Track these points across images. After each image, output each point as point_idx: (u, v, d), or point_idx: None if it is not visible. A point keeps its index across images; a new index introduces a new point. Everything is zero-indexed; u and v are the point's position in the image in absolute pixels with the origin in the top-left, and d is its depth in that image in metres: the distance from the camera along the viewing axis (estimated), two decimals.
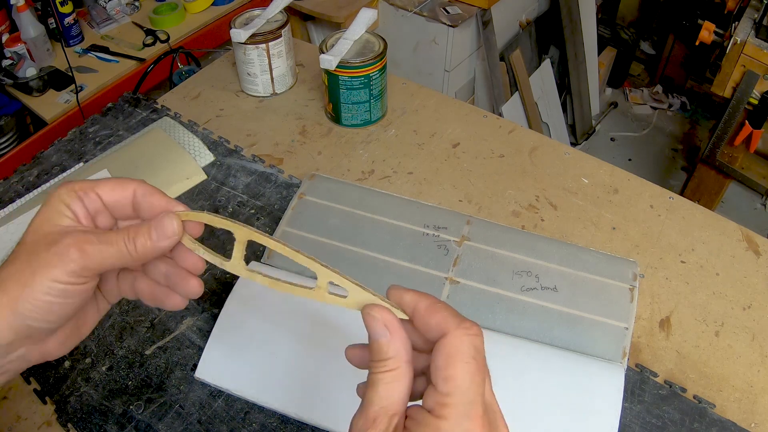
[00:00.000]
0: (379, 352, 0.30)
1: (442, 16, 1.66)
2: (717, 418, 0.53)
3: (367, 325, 0.31)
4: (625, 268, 0.62)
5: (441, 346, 0.29)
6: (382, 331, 0.31)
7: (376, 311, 0.31)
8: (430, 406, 0.29)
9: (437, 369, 0.29)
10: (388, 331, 0.31)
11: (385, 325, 0.31)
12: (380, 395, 0.30)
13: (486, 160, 0.78)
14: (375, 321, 0.31)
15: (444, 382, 0.28)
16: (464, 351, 0.29)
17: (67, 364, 0.58)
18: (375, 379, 0.30)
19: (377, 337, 0.31)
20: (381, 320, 0.31)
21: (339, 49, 0.77)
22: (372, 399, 0.30)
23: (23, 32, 1.41)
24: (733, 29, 1.45)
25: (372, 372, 0.31)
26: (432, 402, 0.29)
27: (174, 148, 0.78)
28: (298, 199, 0.70)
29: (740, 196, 2.10)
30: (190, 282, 0.37)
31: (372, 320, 0.31)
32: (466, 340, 0.29)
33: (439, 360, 0.29)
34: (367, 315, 0.32)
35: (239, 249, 0.36)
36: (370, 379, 0.31)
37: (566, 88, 2.26)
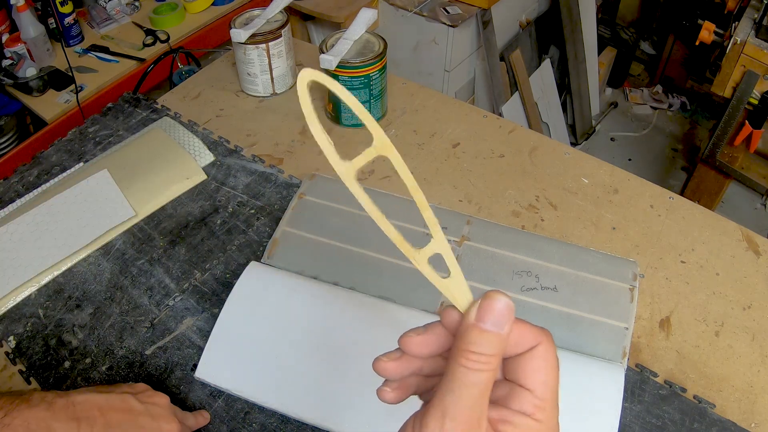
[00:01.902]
0: (487, 345, 0.28)
1: (442, 16, 1.66)
2: (717, 418, 0.53)
3: (490, 308, 0.28)
4: (625, 268, 0.62)
5: (539, 353, 0.30)
6: (505, 323, 0.28)
7: (503, 296, 0.29)
8: (527, 409, 0.29)
9: (536, 374, 0.29)
10: (509, 325, 0.28)
11: (511, 315, 0.28)
12: (479, 398, 0.28)
13: (486, 160, 0.78)
14: (505, 310, 0.28)
15: (544, 387, 0.29)
16: (555, 358, 0.30)
17: (67, 364, 0.58)
18: (475, 380, 0.27)
19: (493, 328, 0.28)
20: (510, 312, 0.28)
21: (339, 49, 0.77)
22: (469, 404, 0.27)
23: (23, 32, 1.41)
24: (733, 29, 1.45)
25: (466, 366, 0.28)
26: (529, 405, 0.29)
27: (174, 148, 0.78)
28: (298, 199, 0.70)
29: (740, 196, 2.10)
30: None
31: (501, 309, 0.28)
32: (554, 349, 0.30)
33: (540, 366, 0.29)
34: (492, 299, 0.29)
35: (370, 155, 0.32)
36: (463, 375, 0.28)
37: (566, 88, 2.26)
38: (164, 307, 0.62)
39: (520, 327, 0.30)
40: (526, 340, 0.30)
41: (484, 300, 0.29)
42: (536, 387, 0.29)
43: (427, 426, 0.27)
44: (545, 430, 0.29)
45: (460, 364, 0.28)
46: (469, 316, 0.29)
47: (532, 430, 0.29)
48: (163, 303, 0.62)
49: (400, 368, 0.32)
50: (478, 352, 0.28)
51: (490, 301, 0.28)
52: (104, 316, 0.61)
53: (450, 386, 0.27)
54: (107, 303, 0.63)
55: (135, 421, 0.46)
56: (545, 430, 0.29)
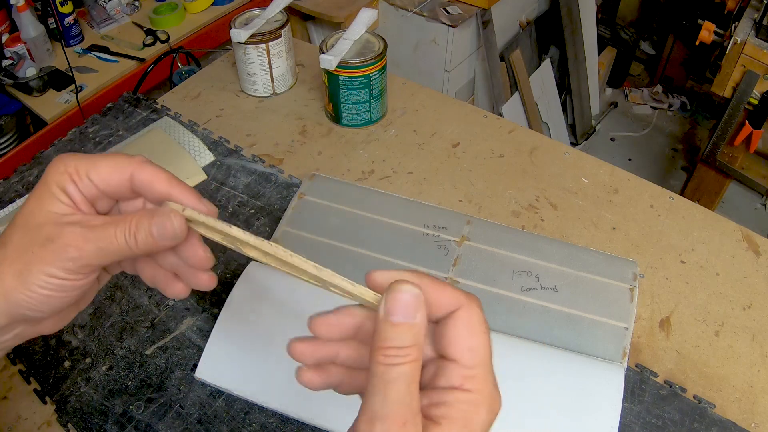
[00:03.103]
0: (401, 338, 0.27)
1: (442, 16, 1.66)
2: (717, 418, 0.53)
3: (395, 300, 0.27)
4: (625, 268, 0.62)
5: (459, 319, 0.29)
6: (412, 312, 0.27)
7: (408, 286, 0.27)
8: (455, 382, 0.28)
9: (459, 341, 0.28)
10: (420, 312, 0.27)
11: (419, 303, 0.27)
12: (407, 392, 0.26)
13: (486, 160, 0.78)
14: (411, 299, 0.27)
15: (470, 354, 0.28)
16: (482, 322, 0.29)
17: (67, 364, 0.58)
18: (396, 375, 0.26)
19: (402, 320, 0.27)
20: (417, 299, 0.27)
21: (339, 49, 0.77)
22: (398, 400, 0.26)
23: (23, 32, 1.41)
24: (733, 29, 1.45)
25: (384, 363, 0.26)
26: (457, 377, 0.28)
27: (174, 148, 0.78)
28: (298, 199, 0.70)
29: (740, 196, 2.10)
30: (199, 276, 0.35)
31: (406, 297, 0.27)
32: (479, 312, 0.29)
33: (461, 332, 0.28)
34: (397, 291, 0.27)
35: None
36: (383, 373, 0.26)
37: (566, 88, 2.26)
38: (164, 307, 0.62)
39: (438, 290, 0.29)
40: (444, 304, 0.29)
41: (389, 293, 0.27)
42: (461, 355, 0.28)
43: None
44: (479, 400, 0.28)
45: (379, 362, 0.26)
46: (378, 312, 0.27)
47: (464, 404, 0.27)
48: (163, 303, 0.62)
49: (311, 351, 0.31)
50: (393, 347, 0.26)
51: (395, 294, 0.27)
52: (104, 316, 0.61)
53: (374, 387, 0.26)
54: (107, 303, 0.63)
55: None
56: (479, 401, 0.28)
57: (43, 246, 0.30)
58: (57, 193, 0.32)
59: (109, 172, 0.32)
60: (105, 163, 0.32)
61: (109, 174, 0.32)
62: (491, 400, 0.28)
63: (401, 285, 0.27)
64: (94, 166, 0.32)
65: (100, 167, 0.32)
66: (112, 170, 0.32)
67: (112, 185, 0.33)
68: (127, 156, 0.33)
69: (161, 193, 0.32)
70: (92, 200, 0.33)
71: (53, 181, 0.32)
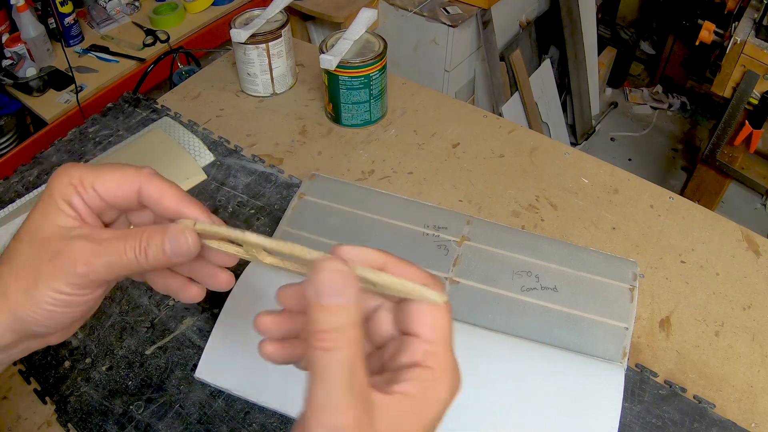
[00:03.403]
0: (335, 319, 0.25)
1: (442, 16, 1.66)
2: (717, 418, 0.53)
3: (321, 280, 0.25)
4: (625, 268, 0.62)
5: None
6: (343, 290, 0.25)
7: (336, 263, 0.26)
8: (417, 357, 0.27)
9: (422, 317, 0.28)
10: (350, 290, 0.26)
11: (347, 279, 0.26)
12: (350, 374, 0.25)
13: (486, 160, 0.78)
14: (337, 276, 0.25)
15: (432, 330, 0.28)
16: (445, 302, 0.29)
17: (67, 364, 0.58)
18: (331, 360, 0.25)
19: (332, 300, 0.25)
20: (343, 276, 0.26)
21: (339, 49, 0.77)
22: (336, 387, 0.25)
23: (23, 32, 1.41)
24: (733, 29, 1.45)
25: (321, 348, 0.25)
26: (419, 352, 0.27)
27: (174, 148, 0.78)
28: (298, 199, 0.70)
29: (740, 196, 2.10)
30: (218, 276, 0.34)
31: (332, 276, 0.25)
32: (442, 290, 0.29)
33: (424, 310, 0.28)
34: (322, 270, 0.26)
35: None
36: (321, 358, 0.25)
37: (566, 88, 2.26)
38: (164, 307, 0.62)
39: (403, 269, 0.29)
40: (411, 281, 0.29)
41: (314, 273, 0.26)
42: (424, 331, 0.28)
43: (307, 426, 0.25)
44: (438, 378, 0.27)
45: (316, 348, 0.25)
46: (309, 295, 0.26)
47: (424, 381, 0.27)
48: (163, 303, 0.62)
49: (276, 324, 0.31)
50: (327, 330, 0.25)
51: (320, 273, 0.26)
52: (104, 316, 0.61)
53: (316, 375, 0.25)
54: (107, 303, 0.63)
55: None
56: (439, 379, 0.27)
57: (51, 261, 0.29)
58: (62, 205, 0.31)
59: (115, 185, 0.32)
60: (111, 176, 0.32)
61: (115, 186, 0.32)
62: (452, 380, 0.28)
63: (326, 263, 0.26)
64: (100, 177, 0.31)
65: (106, 179, 0.31)
66: (118, 183, 0.32)
67: (119, 197, 0.32)
68: (135, 168, 0.32)
69: (170, 210, 0.32)
70: (98, 212, 0.32)
71: (58, 193, 0.31)
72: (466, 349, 0.55)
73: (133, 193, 0.32)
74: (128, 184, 0.32)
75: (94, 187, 0.31)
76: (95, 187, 0.31)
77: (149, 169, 0.32)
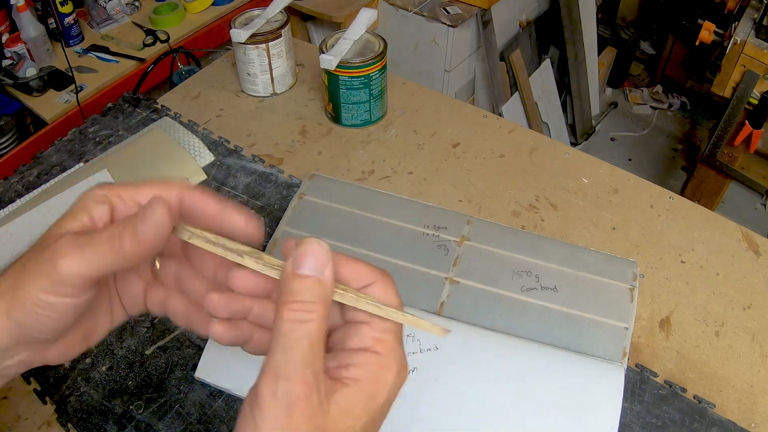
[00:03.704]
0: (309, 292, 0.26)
1: (442, 16, 1.66)
2: (717, 418, 0.53)
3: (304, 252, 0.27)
4: (625, 268, 0.62)
5: (374, 290, 0.30)
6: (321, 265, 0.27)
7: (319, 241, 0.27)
8: (366, 343, 0.28)
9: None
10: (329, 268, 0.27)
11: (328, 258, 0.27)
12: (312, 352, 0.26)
13: (486, 160, 0.78)
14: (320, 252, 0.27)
15: (382, 320, 0.29)
16: (396, 296, 0.30)
17: (67, 364, 0.58)
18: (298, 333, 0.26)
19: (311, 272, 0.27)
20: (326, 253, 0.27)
21: (339, 49, 0.77)
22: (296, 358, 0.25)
23: (23, 32, 1.41)
24: (733, 29, 1.45)
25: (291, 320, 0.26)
26: (368, 338, 0.28)
27: (174, 148, 0.78)
28: (298, 199, 0.70)
29: (740, 196, 2.10)
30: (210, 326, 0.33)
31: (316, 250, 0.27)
32: (394, 287, 0.30)
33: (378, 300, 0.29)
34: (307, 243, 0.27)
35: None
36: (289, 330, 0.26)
37: (566, 88, 2.26)
38: None
39: (353, 265, 0.30)
40: (361, 278, 0.30)
41: (299, 247, 0.27)
42: (374, 320, 0.29)
43: (259, 393, 0.25)
44: (387, 364, 0.28)
45: (285, 319, 0.26)
46: (286, 267, 0.27)
47: (373, 365, 0.28)
48: None
49: (225, 303, 0.31)
50: (300, 301, 0.26)
51: (305, 247, 0.27)
52: None
53: (278, 345, 0.26)
54: None
55: None
56: (387, 365, 0.28)
57: (36, 259, 0.29)
58: (79, 214, 0.30)
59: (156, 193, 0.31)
60: (151, 186, 0.31)
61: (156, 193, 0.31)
62: (399, 364, 0.29)
63: (310, 239, 0.27)
64: (138, 189, 0.31)
65: (147, 189, 0.31)
66: (158, 191, 0.31)
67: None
68: (173, 181, 0.32)
69: (213, 212, 0.31)
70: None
71: (83, 205, 0.31)
72: (466, 349, 0.55)
73: (174, 203, 0.31)
74: (168, 192, 0.31)
75: (134, 198, 0.31)
76: (135, 198, 0.31)
77: (186, 182, 0.33)
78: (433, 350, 0.54)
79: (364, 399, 0.27)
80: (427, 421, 0.51)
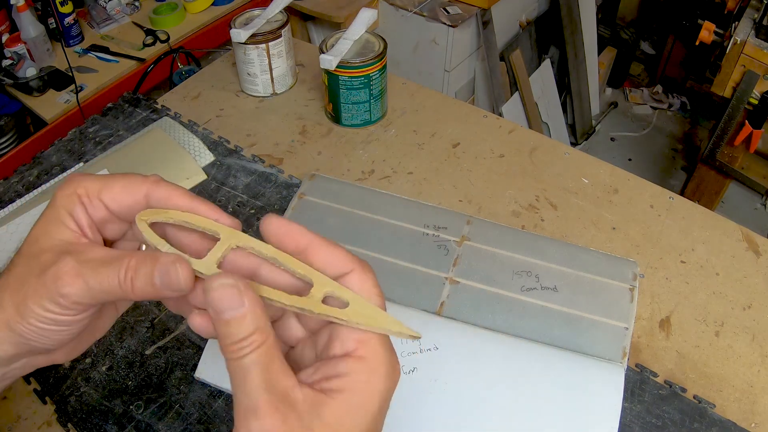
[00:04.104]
0: (239, 328, 0.25)
1: (442, 16, 1.66)
2: (717, 418, 0.53)
3: (215, 299, 0.26)
4: (625, 268, 0.62)
5: (351, 281, 0.28)
6: (239, 302, 0.25)
7: (227, 277, 0.26)
8: (349, 347, 0.27)
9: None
10: (246, 299, 0.26)
11: (242, 291, 0.26)
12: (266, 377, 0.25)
13: (486, 160, 0.78)
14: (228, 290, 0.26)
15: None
16: (375, 286, 0.28)
17: (67, 364, 0.58)
18: (248, 364, 0.25)
19: (233, 312, 0.25)
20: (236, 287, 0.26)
21: (339, 49, 0.77)
22: (258, 387, 0.25)
23: (23, 32, 1.41)
24: (733, 29, 1.45)
25: (237, 357, 0.25)
26: (351, 342, 0.27)
27: (174, 148, 0.78)
28: (298, 199, 0.70)
29: (740, 196, 2.10)
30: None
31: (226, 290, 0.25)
32: (372, 276, 0.28)
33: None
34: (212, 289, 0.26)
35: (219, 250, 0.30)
36: (240, 368, 0.25)
37: (566, 88, 2.26)
38: (164, 307, 0.62)
39: (330, 250, 0.28)
40: (336, 266, 0.28)
41: (207, 293, 0.26)
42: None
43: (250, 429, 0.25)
44: (373, 369, 0.26)
45: (229, 360, 0.26)
46: (211, 317, 0.26)
47: (359, 373, 0.26)
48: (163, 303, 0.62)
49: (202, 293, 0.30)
50: (233, 342, 0.25)
51: (211, 293, 0.26)
52: None
53: (234, 383, 0.26)
54: None
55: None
56: (374, 370, 0.26)
57: (38, 277, 0.28)
58: (64, 217, 0.30)
59: (121, 192, 0.30)
60: (117, 183, 0.31)
61: (121, 194, 0.30)
62: (388, 367, 0.27)
63: (214, 281, 0.26)
64: (106, 186, 0.30)
65: (112, 187, 0.30)
66: (124, 190, 0.30)
67: (125, 206, 0.31)
68: (141, 175, 0.31)
69: (182, 207, 0.30)
70: (102, 224, 0.31)
71: (61, 204, 0.30)
72: (466, 349, 0.55)
73: (140, 199, 0.31)
74: (135, 190, 0.30)
75: (100, 197, 0.30)
76: (101, 197, 0.30)
77: (156, 176, 0.31)
78: (433, 350, 0.54)
79: (353, 410, 0.26)
80: (427, 421, 0.51)
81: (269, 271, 0.30)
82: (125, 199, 0.30)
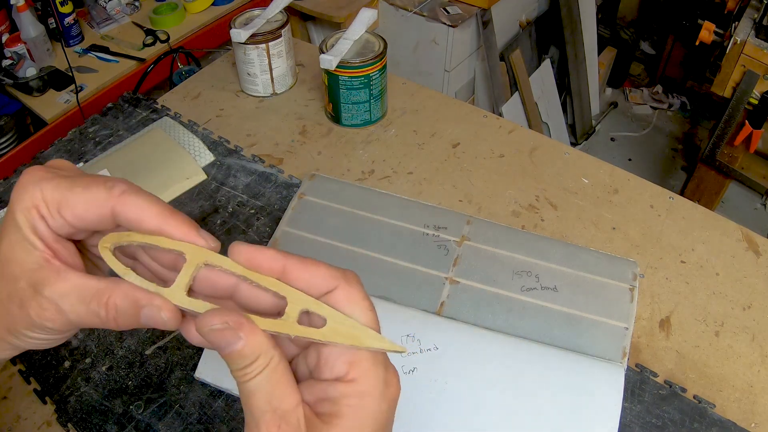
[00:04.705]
0: (242, 359, 0.26)
1: (442, 16, 1.66)
2: (717, 418, 0.53)
3: (214, 340, 0.26)
4: (625, 268, 0.62)
5: (336, 299, 0.27)
6: (235, 338, 0.25)
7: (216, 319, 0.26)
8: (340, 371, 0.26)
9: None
10: (241, 333, 0.25)
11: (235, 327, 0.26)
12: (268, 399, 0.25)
13: (486, 160, 0.78)
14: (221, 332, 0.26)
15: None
16: (363, 298, 0.27)
17: (67, 364, 0.58)
18: (252, 387, 0.26)
19: (232, 347, 0.26)
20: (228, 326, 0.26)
21: (339, 49, 0.77)
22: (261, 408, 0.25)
23: (23, 32, 1.41)
24: (733, 29, 1.45)
25: (243, 381, 0.26)
26: (341, 364, 0.26)
27: (174, 148, 0.78)
28: (298, 199, 0.70)
29: (740, 196, 2.10)
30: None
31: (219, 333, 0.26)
32: (359, 288, 0.27)
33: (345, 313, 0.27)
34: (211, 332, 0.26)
35: (186, 273, 0.28)
36: (246, 389, 0.26)
37: (566, 88, 2.26)
38: None
39: (310, 269, 0.27)
40: (318, 285, 0.27)
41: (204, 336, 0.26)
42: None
43: None
44: (367, 390, 0.26)
45: (239, 383, 0.26)
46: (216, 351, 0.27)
47: (352, 398, 0.26)
48: None
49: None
50: (242, 368, 0.26)
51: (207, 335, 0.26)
52: None
53: (242, 403, 0.26)
54: None
55: None
56: (367, 391, 0.26)
57: (21, 309, 0.28)
58: (29, 235, 0.28)
59: (83, 209, 0.28)
60: (78, 199, 0.28)
61: (84, 212, 0.28)
62: (383, 386, 0.26)
63: (206, 321, 0.26)
64: (65, 200, 0.28)
65: (73, 203, 0.28)
66: (86, 206, 0.28)
67: (89, 221, 0.28)
68: (105, 187, 0.28)
69: (149, 224, 0.28)
70: (67, 235, 0.29)
71: (22, 219, 0.28)
72: (467, 349, 0.55)
73: (105, 215, 0.28)
74: (98, 206, 0.28)
75: (61, 213, 0.28)
76: (62, 213, 0.28)
77: (122, 185, 0.28)
78: (433, 350, 0.54)
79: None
80: (427, 421, 0.51)
81: (249, 289, 0.29)
82: (88, 215, 0.28)
